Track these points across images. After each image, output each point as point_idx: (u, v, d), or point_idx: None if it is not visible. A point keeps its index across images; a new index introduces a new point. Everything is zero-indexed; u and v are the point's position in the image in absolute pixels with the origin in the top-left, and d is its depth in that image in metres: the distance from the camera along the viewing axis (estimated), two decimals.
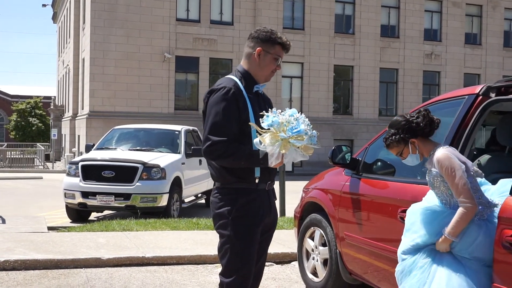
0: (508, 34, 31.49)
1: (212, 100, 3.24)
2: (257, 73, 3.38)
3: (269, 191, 3.37)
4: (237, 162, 3.18)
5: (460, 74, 30.43)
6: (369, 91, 28.86)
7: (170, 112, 25.77)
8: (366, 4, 28.60)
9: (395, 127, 3.54)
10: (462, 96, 4.12)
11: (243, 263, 3.23)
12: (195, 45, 26.27)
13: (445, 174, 3.26)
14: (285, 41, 3.38)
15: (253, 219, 3.24)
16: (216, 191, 3.31)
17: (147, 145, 12.10)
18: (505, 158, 4.42)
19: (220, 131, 3.17)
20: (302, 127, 3.01)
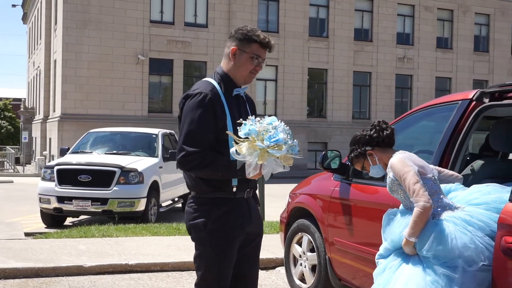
0: (478, 38, 32.01)
1: (188, 107, 3.06)
2: (235, 74, 3.16)
3: (248, 199, 3.18)
4: (214, 174, 3.01)
5: (432, 77, 30.81)
6: (343, 94, 29.02)
7: (143, 115, 25.51)
8: (339, 8, 28.77)
9: (353, 143, 3.66)
10: (455, 101, 4.11)
11: (219, 277, 3.09)
12: (169, 47, 26.07)
13: (399, 177, 3.32)
14: (263, 39, 3.14)
15: (230, 231, 3.07)
16: (192, 200, 3.14)
17: (123, 148, 11.91)
18: (498, 163, 4.43)
19: (195, 141, 2.99)
20: (281, 136, 2.84)
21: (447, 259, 3.10)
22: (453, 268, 3.09)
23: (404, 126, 4.67)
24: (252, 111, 3.28)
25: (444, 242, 3.12)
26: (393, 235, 3.36)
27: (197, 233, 3.09)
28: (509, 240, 3.13)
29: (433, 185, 3.34)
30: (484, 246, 3.15)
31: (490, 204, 3.34)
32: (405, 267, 3.24)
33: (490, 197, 3.39)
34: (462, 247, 3.11)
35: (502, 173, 4.21)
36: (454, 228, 3.19)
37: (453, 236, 3.15)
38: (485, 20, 32.12)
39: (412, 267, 3.20)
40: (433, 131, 4.58)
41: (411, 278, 3.15)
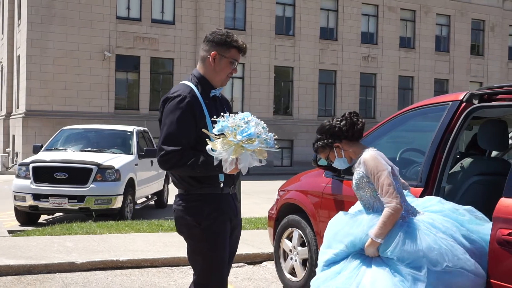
0: (439, 38, 32.80)
1: (167, 109, 3.18)
2: (213, 78, 3.30)
3: (233, 194, 3.33)
4: (193, 171, 3.11)
5: (395, 76, 31.45)
6: (309, 92, 29.36)
7: (110, 111, 25.30)
8: (306, 6, 29.08)
9: (320, 132, 3.58)
10: (446, 102, 4.34)
11: (218, 270, 3.21)
12: (136, 44, 25.92)
13: (371, 174, 3.31)
14: (241, 44, 3.31)
15: (222, 225, 3.21)
16: (179, 198, 3.23)
17: (98, 146, 11.88)
18: (486, 161, 4.69)
19: (174, 141, 3.11)
20: (252, 130, 2.93)
21: (411, 260, 3.15)
22: (418, 269, 3.14)
23: (395, 125, 4.88)
24: (229, 110, 3.37)
25: (409, 244, 3.18)
26: (352, 236, 3.32)
27: (190, 230, 3.18)
28: (504, 233, 3.37)
29: (399, 186, 3.39)
30: (447, 248, 3.23)
31: (445, 211, 3.49)
32: (366, 269, 3.23)
33: (445, 206, 3.55)
34: (426, 248, 3.18)
35: (490, 170, 4.48)
36: (419, 230, 3.27)
37: (418, 237, 3.22)
38: (446, 20, 32.94)
39: (376, 268, 3.21)
40: (424, 131, 4.81)
41: (377, 279, 3.15)
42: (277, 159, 28.81)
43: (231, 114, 3.06)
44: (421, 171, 4.20)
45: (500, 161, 4.84)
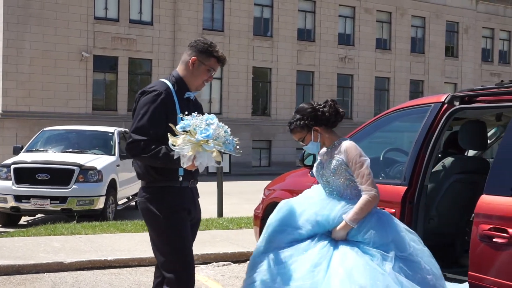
0: (415, 40, 33.28)
1: (142, 101, 3.41)
2: (190, 81, 3.54)
3: (192, 188, 3.55)
4: (154, 161, 3.33)
5: (372, 77, 31.81)
6: (287, 93, 29.55)
7: (87, 112, 25.18)
8: (283, 8, 29.27)
9: (301, 113, 3.61)
10: (428, 104, 4.51)
11: (184, 255, 3.39)
12: (114, 44, 25.82)
13: (353, 161, 3.43)
14: (221, 55, 3.56)
15: (182, 213, 3.43)
16: (143, 191, 3.47)
17: (79, 147, 11.89)
18: (466, 160, 4.89)
19: (143, 131, 3.34)
20: (210, 132, 3.13)
21: (380, 244, 3.33)
22: (386, 251, 3.31)
23: (379, 126, 5.04)
24: (199, 113, 3.53)
25: (380, 230, 3.37)
26: (322, 217, 3.41)
27: (154, 220, 3.40)
28: (485, 228, 3.56)
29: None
30: (409, 238, 3.45)
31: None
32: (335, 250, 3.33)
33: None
34: (395, 233, 3.41)
35: (470, 169, 4.68)
36: (389, 218, 3.51)
37: (388, 225, 3.44)
38: (421, 22, 33.43)
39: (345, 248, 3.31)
40: (408, 131, 4.99)
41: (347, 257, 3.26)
42: (256, 160, 28.94)
43: (199, 114, 3.27)
44: (405, 170, 4.37)
45: (479, 160, 5.04)
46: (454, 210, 4.66)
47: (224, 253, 6.98)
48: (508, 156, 3.70)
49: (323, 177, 3.61)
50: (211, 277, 6.23)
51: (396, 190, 4.32)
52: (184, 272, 3.38)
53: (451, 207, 4.64)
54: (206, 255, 6.89)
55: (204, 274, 6.36)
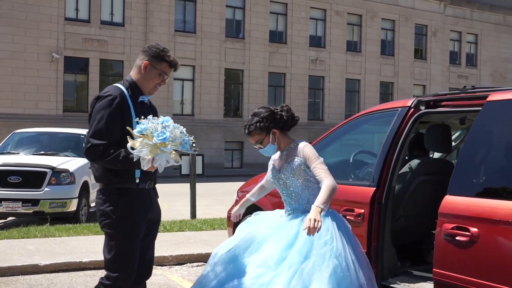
0: (385, 42, 33.77)
1: (98, 106, 3.52)
2: (143, 85, 3.67)
3: (149, 189, 3.66)
4: (114, 164, 3.44)
5: (342, 79, 32.18)
6: (258, 95, 29.71)
7: (58, 114, 24.97)
8: (255, 10, 29.44)
9: (259, 115, 3.73)
10: (395, 108, 4.70)
11: (127, 259, 3.53)
12: (85, 45, 25.67)
13: (312, 159, 3.58)
14: (172, 60, 3.68)
15: (136, 216, 3.54)
16: (100, 192, 3.58)
17: (51, 149, 11.84)
18: (431, 162, 5.09)
19: (101, 136, 3.44)
20: (167, 135, 3.28)
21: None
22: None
23: (349, 129, 5.21)
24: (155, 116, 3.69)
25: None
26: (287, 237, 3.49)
27: (107, 220, 3.52)
28: (448, 227, 3.74)
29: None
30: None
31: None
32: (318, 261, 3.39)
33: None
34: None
35: (435, 170, 4.87)
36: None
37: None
38: (391, 25, 33.95)
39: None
40: (376, 134, 5.16)
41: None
42: (228, 161, 29.04)
43: (155, 117, 3.43)
44: (373, 172, 4.54)
45: (444, 162, 5.26)
46: (420, 210, 4.85)
47: (199, 253, 7.09)
48: (469, 159, 3.90)
49: (280, 180, 3.73)
50: (186, 277, 6.33)
51: (365, 191, 4.49)
52: (124, 275, 3.52)
53: (418, 207, 4.83)
54: (180, 256, 6.99)
55: (179, 274, 6.46)
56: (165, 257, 6.90)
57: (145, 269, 3.74)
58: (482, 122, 3.92)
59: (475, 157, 3.91)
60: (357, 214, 4.43)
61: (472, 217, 3.61)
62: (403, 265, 4.65)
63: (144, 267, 3.72)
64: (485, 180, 3.84)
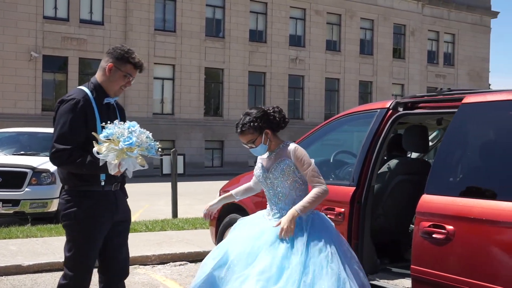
0: (364, 42, 34.07)
1: (61, 110, 3.51)
2: (108, 87, 3.66)
3: (116, 191, 3.68)
4: (79, 169, 3.47)
5: (322, 78, 32.40)
6: (239, 94, 29.79)
7: (37, 113, 24.77)
8: (235, 9, 29.50)
9: (252, 115, 3.71)
10: (374, 110, 4.82)
11: (86, 260, 3.57)
12: (64, 44, 25.50)
13: (302, 161, 3.65)
14: (137, 62, 3.68)
15: (98, 219, 3.55)
16: (64, 193, 3.59)
17: (31, 149, 11.77)
18: (409, 162, 5.23)
19: (65, 140, 3.44)
20: (133, 140, 3.31)
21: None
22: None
23: (330, 129, 5.33)
24: (122, 118, 3.77)
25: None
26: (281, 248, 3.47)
27: (68, 221, 3.55)
28: (425, 225, 3.87)
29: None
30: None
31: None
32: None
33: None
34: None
35: (413, 170, 5.01)
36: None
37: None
38: (370, 25, 34.25)
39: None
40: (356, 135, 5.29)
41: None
42: (208, 160, 29.07)
43: (121, 121, 3.45)
44: (353, 171, 4.66)
45: (421, 162, 5.40)
46: (399, 208, 4.98)
47: (181, 253, 7.16)
48: (446, 159, 4.03)
49: (267, 179, 3.77)
50: (169, 276, 6.40)
51: (345, 190, 4.61)
52: (80, 275, 3.57)
53: (396, 205, 4.96)
54: (163, 255, 7.05)
55: (162, 274, 6.53)
56: (148, 256, 6.96)
57: (121, 269, 3.77)
58: (458, 124, 4.06)
59: (451, 157, 4.04)
60: (338, 213, 4.54)
61: (448, 216, 3.74)
62: (382, 262, 4.78)
63: (120, 267, 3.76)
64: (460, 180, 3.98)
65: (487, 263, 3.49)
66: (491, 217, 3.47)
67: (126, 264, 3.84)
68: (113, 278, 3.72)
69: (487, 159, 3.88)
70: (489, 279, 3.46)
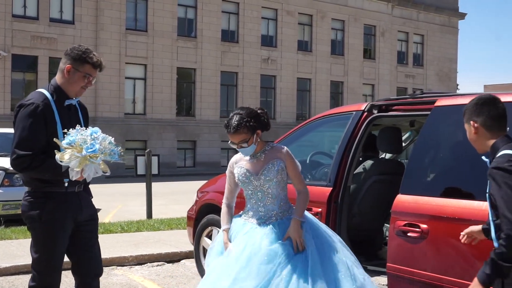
0: (335, 42, 34.39)
1: (20, 115, 3.48)
2: (68, 88, 3.63)
3: (79, 193, 3.66)
4: (42, 174, 3.48)
5: (294, 78, 32.61)
6: (211, 94, 29.80)
7: (6, 113, 24.38)
8: (207, 9, 29.50)
9: (245, 115, 3.66)
10: (350, 112, 4.95)
11: (51, 259, 3.59)
12: (34, 43, 25.19)
13: (294, 163, 3.73)
14: (96, 61, 3.64)
15: (61, 220, 3.56)
16: (27, 194, 3.58)
17: (2, 150, 11.64)
18: (384, 163, 5.37)
19: (25, 145, 3.41)
20: (96, 147, 3.32)
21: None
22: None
23: (305, 131, 5.44)
24: (85, 117, 3.82)
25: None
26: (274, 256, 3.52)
27: (32, 223, 3.58)
28: (400, 224, 4.01)
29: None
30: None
31: None
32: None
33: None
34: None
35: (387, 170, 5.16)
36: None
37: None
38: (341, 25, 34.59)
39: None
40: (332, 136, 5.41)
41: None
42: (181, 160, 29.02)
43: (82, 127, 3.46)
44: (330, 172, 4.78)
45: (395, 163, 5.56)
46: (374, 208, 5.12)
47: (158, 253, 7.21)
48: (419, 160, 4.17)
49: (257, 181, 3.73)
50: (147, 277, 6.44)
51: (322, 191, 4.73)
52: (49, 275, 3.60)
53: (371, 205, 5.10)
54: (140, 256, 7.08)
55: (140, 274, 6.56)
56: (125, 257, 6.99)
57: (93, 268, 3.79)
58: (431, 126, 4.21)
59: (425, 158, 4.19)
60: (315, 213, 4.64)
61: (422, 215, 3.88)
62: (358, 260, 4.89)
63: (92, 266, 3.77)
64: (434, 180, 4.13)
65: (459, 260, 3.64)
66: (463, 216, 3.62)
67: (98, 263, 3.85)
68: (86, 277, 3.75)
69: (459, 160, 4.03)
70: (460, 275, 3.61)
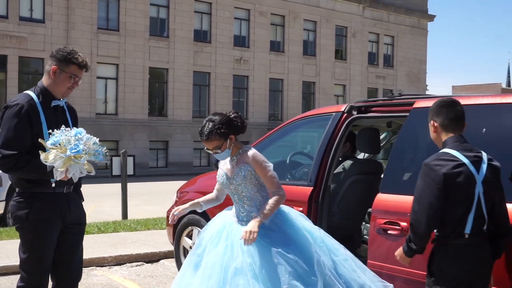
0: (307, 43, 34.64)
1: (6, 116, 3.54)
2: (54, 89, 3.67)
3: (68, 193, 3.68)
4: (27, 174, 3.52)
5: (266, 78, 32.75)
6: (183, 94, 29.74)
7: None
8: (179, 8, 29.43)
9: (216, 121, 3.71)
10: (330, 113, 5.06)
11: (40, 260, 3.62)
12: (3, 42, 24.80)
13: (261, 167, 3.71)
14: (81, 62, 3.69)
15: (49, 221, 3.59)
16: (16, 195, 3.64)
17: None
18: (363, 162, 5.49)
19: (11, 146, 3.47)
20: (81, 147, 3.37)
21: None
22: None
23: (285, 132, 5.53)
24: (73, 118, 3.86)
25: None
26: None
27: (21, 224, 3.61)
28: (380, 222, 4.13)
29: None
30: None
31: None
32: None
33: None
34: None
35: (366, 170, 5.28)
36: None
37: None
38: (313, 26, 34.85)
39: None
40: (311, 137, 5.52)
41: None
42: (153, 161, 28.89)
43: (68, 128, 3.50)
44: (310, 172, 4.88)
45: (373, 162, 5.69)
46: (353, 207, 5.24)
47: (137, 253, 7.22)
48: (399, 160, 4.30)
49: (231, 185, 3.83)
50: (127, 277, 6.46)
51: (303, 190, 4.82)
52: (37, 276, 3.62)
53: (350, 204, 5.21)
54: (119, 256, 7.09)
55: (120, 274, 6.57)
56: (104, 258, 6.99)
57: (74, 272, 3.82)
58: (409, 127, 4.33)
59: (404, 158, 4.32)
60: None
61: (402, 213, 3.99)
62: None
63: (73, 270, 3.80)
64: (412, 179, 4.24)
65: None
66: None
67: (80, 267, 3.88)
68: (66, 282, 3.76)
69: None
70: None
